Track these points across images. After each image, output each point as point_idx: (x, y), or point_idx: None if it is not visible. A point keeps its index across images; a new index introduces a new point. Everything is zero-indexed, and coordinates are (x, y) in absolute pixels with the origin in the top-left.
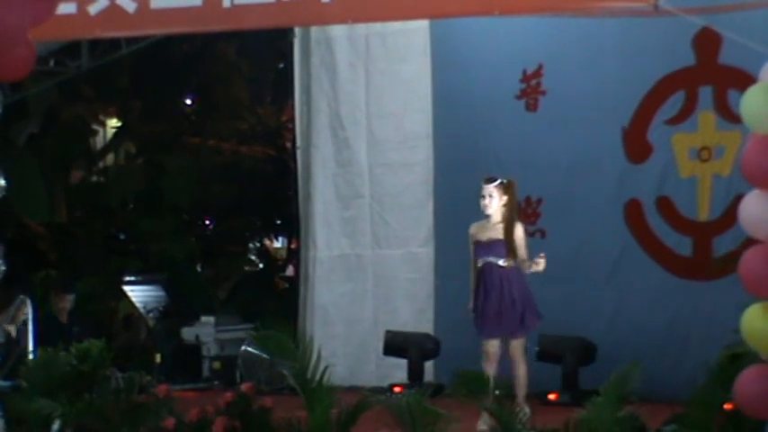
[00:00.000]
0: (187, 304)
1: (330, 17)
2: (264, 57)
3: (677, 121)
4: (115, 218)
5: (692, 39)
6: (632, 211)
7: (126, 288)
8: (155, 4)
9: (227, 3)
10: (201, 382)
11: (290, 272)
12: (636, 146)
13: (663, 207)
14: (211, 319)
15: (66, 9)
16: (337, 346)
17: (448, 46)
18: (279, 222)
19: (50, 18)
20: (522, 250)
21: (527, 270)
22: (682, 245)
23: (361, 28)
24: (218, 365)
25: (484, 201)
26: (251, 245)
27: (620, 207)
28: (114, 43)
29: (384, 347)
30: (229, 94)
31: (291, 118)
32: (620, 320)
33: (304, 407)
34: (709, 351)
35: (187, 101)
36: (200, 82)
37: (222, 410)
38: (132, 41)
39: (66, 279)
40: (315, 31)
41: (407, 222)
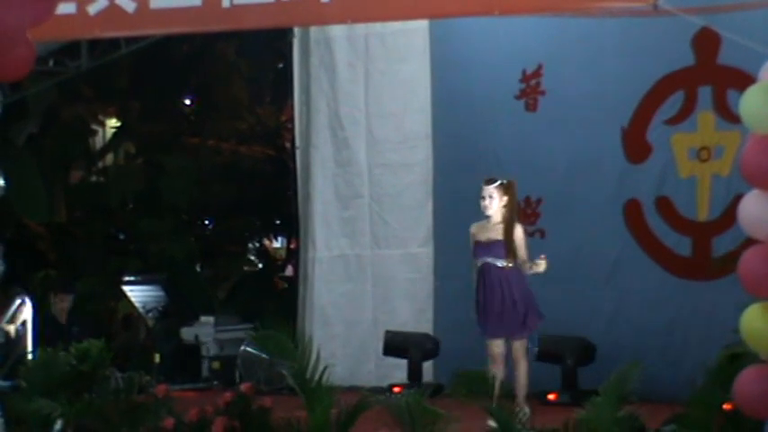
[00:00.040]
0: (186, 304)
1: (329, 17)
2: (264, 57)
3: (677, 121)
4: (115, 218)
5: (692, 39)
6: (632, 211)
7: (125, 288)
8: (154, 4)
9: (226, 3)
10: (201, 382)
11: (289, 272)
12: (635, 146)
13: (662, 207)
14: (211, 319)
15: (66, 9)
16: (337, 346)
17: (447, 46)
18: (278, 222)
19: (50, 18)
20: (523, 251)
21: (528, 271)
22: (681, 245)
23: (361, 28)
24: (217, 365)
25: (484, 202)
26: (250, 245)
27: (619, 207)
28: (114, 43)
29: (384, 347)
30: (229, 94)
31: (291, 118)
32: (620, 320)
33: (303, 407)
34: (709, 351)
35: (186, 101)
36: (199, 82)
37: (221, 410)
38: (132, 41)
39: (66, 279)
40: (314, 31)
41: (407, 222)
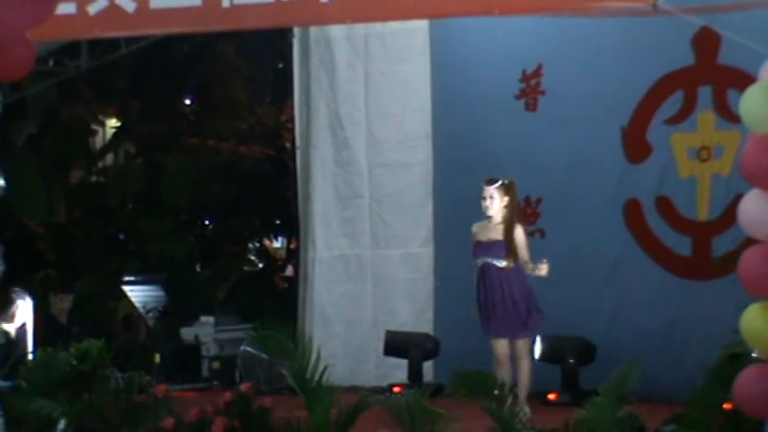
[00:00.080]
0: (186, 304)
1: (329, 17)
2: (263, 57)
3: (676, 120)
4: (114, 218)
5: (692, 38)
6: (632, 211)
7: (125, 288)
8: (154, 4)
9: (226, 3)
10: (201, 382)
11: (289, 272)
12: (635, 146)
13: (662, 207)
14: (211, 319)
15: (66, 9)
16: (337, 346)
17: (447, 46)
18: (278, 222)
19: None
20: (524, 251)
21: (529, 272)
22: (681, 245)
23: (361, 28)
24: (217, 365)
25: (485, 202)
26: (250, 245)
27: (619, 207)
28: (113, 43)
29: (384, 347)
30: (228, 94)
31: (290, 118)
32: (620, 320)
33: (303, 407)
34: (709, 351)
35: (186, 101)
36: (199, 82)
37: (221, 410)
38: (131, 41)
39: (66, 279)
40: (314, 31)
41: (407, 222)
